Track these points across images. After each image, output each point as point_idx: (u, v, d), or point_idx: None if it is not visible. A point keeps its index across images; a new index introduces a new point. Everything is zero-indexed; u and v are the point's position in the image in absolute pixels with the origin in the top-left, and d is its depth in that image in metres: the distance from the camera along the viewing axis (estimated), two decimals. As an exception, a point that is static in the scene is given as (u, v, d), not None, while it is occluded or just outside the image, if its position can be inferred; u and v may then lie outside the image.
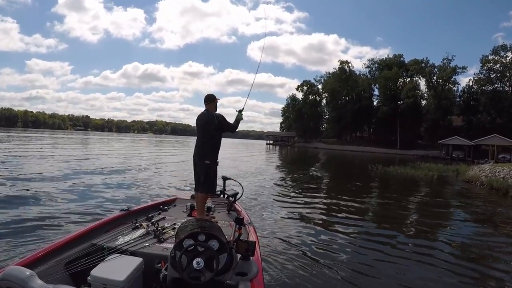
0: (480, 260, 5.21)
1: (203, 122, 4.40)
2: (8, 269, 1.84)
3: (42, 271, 2.46)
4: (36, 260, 2.63)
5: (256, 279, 2.53)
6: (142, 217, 4.00)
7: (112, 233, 3.42)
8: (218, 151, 4.51)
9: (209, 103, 4.51)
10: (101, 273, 2.45)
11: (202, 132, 4.41)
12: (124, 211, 4.04)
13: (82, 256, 2.86)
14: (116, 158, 20.79)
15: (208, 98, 4.53)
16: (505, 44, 59.82)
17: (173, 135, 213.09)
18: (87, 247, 3.05)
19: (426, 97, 70.03)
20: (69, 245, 3.00)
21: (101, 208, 6.94)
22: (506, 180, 14.52)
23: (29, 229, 5.27)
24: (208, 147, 4.39)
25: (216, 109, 4.57)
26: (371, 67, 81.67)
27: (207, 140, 4.39)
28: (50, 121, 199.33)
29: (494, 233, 7.19)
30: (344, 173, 22.64)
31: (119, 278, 2.41)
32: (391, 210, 9.22)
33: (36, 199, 7.49)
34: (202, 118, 4.45)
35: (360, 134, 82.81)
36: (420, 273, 4.48)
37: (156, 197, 8.05)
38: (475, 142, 48.19)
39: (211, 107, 4.50)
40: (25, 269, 1.83)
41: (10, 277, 1.73)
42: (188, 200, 4.95)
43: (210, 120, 4.34)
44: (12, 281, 1.71)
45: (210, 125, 4.33)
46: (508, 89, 60.38)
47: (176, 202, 5.02)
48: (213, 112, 4.45)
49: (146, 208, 4.48)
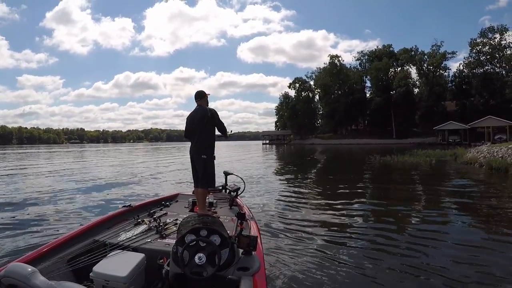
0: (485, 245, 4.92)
1: (197, 117, 4.40)
2: (11, 265, 1.83)
3: (45, 268, 2.50)
4: (38, 257, 2.65)
5: (258, 274, 2.51)
6: (144, 213, 4.01)
7: (114, 229, 3.44)
8: (214, 145, 4.53)
9: (200, 99, 4.55)
10: (103, 269, 2.46)
11: (197, 127, 4.39)
12: (126, 207, 4.09)
13: (84, 252, 2.88)
14: (114, 168, 20.27)
15: (198, 94, 4.58)
16: (492, 26, 60.24)
17: (169, 142, 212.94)
18: (89, 243, 3.07)
19: (418, 84, 70.00)
20: (71, 242, 3.03)
21: (103, 205, 7.00)
22: (504, 159, 14.43)
23: (31, 226, 5.32)
24: (204, 141, 4.40)
25: (208, 104, 4.60)
26: (361, 59, 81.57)
27: (202, 135, 4.39)
28: (45, 136, 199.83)
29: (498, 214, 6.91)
30: (343, 165, 22.32)
31: (122, 274, 2.41)
32: (393, 199, 8.94)
33: (36, 198, 7.69)
34: (195, 114, 4.46)
35: (355, 127, 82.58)
36: (425, 263, 4.20)
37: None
38: (470, 125, 48.51)
39: (203, 103, 4.55)
40: (27, 265, 1.81)
41: (13, 273, 1.72)
42: (190, 195, 4.94)
43: (204, 113, 4.37)
44: (15, 277, 1.70)
45: (203, 118, 4.34)
46: (499, 70, 60.52)
47: (178, 198, 5.06)
48: (205, 106, 4.50)
49: (148, 204, 4.51)
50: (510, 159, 14.28)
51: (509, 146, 15.78)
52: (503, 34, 58.28)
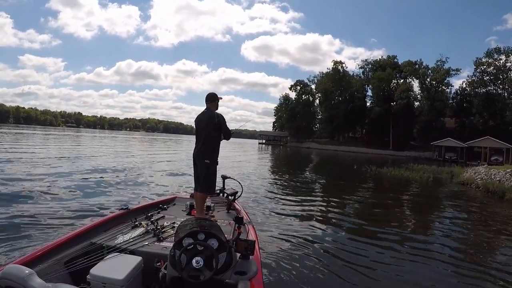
0: (479, 261, 5.25)
1: (204, 121, 4.35)
2: (7, 267, 1.81)
3: (42, 270, 2.46)
4: (35, 259, 2.62)
5: (256, 278, 2.51)
6: (141, 216, 3.99)
7: (111, 232, 3.40)
8: (218, 150, 4.47)
9: (211, 102, 4.46)
10: (100, 271, 2.43)
11: (202, 131, 4.35)
12: (123, 209, 4.04)
13: (82, 254, 2.86)
14: (112, 158, 19.73)
15: (209, 97, 4.48)
16: (499, 47, 60.23)
17: (166, 133, 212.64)
18: (86, 245, 3.05)
19: (419, 98, 69.73)
20: (68, 244, 3.00)
21: (100, 207, 6.89)
22: (502, 183, 14.18)
23: (28, 227, 5.30)
24: (208, 146, 4.35)
25: (217, 108, 4.53)
26: (365, 67, 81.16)
27: (206, 140, 4.34)
28: (42, 117, 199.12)
29: (493, 236, 7.09)
30: (339, 173, 22.25)
31: (119, 276, 2.39)
32: (389, 210, 9.05)
33: (33, 198, 7.40)
34: (203, 117, 4.41)
35: (353, 135, 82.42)
36: (420, 273, 4.44)
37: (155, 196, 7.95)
38: (468, 144, 48.52)
39: (212, 106, 4.46)
40: (24, 267, 1.79)
41: (9, 275, 1.70)
42: (188, 199, 4.98)
43: (211, 119, 4.30)
44: (12, 279, 1.68)
45: (210, 124, 4.28)
46: (501, 92, 60.54)
47: (176, 201, 5.02)
48: (213, 111, 4.40)
49: (146, 207, 4.48)
50: (507, 183, 14.05)
51: (507, 170, 15.53)
52: (509, 56, 58.36)
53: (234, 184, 5.23)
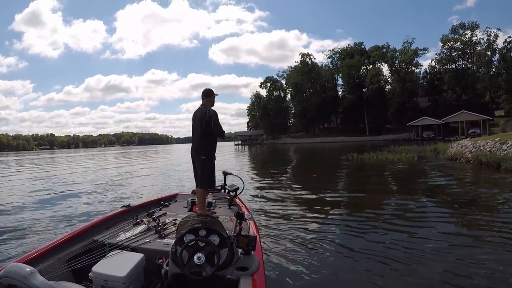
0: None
1: (197, 118, 4.29)
2: (10, 266, 1.81)
3: (44, 268, 2.47)
4: (37, 257, 2.61)
5: (257, 273, 2.44)
6: (143, 213, 4.00)
7: (113, 230, 3.38)
8: (215, 147, 4.40)
9: (206, 98, 4.39)
10: (102, 269, 2.43)
11: (197, 127, 4.30)
12: (125, 207, 4.05)
13: (83, 252, 2.85)
14: None
15: (205, 93, 4.42)
16: (463, 23, 60.33)
17: (141, 145, 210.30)
18: (88, 243, 3.04)
19: (390, 81, 69.12)
20: (70, 242, 2.99)
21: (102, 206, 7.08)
22: (494, 153, 12.56)
23: (30, 226, 5.50)
24: (203, 142, 4.30)
25: (213, 105, 4.44)
26: (333, 57, 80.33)
27: (201, 136, 4.27)
28: (14, 143, 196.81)
29: None
30: (321, 165, 20.30)
31: (121, 274, 2.38)
32: (388, 198, 8.20)
33: (34, 200, 7.97)
34: (197, 113, 4.36)
35: (328, 125, 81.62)
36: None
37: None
38: (444, 120, 48.88)
39: (208, 102, 4.39)
40: (26, 265, 1.80)
41: (12, 274, 1.71)
42: (189, 195, 4.89)
43: (203, 114, 4.22)
44: (14, 278, 1.69)
45: (202, 120, 4.20)
46: (471, 66, 60.46)
47: (177, 198, 5.02)
48: (208, 107, 4.31)
49: (147, 204, 4.46)
50: (500, 152, 12.33)
51: (495, 139, 13.97)
52: (474, 30, 58.48)
53: (236, 180, 5.10)
